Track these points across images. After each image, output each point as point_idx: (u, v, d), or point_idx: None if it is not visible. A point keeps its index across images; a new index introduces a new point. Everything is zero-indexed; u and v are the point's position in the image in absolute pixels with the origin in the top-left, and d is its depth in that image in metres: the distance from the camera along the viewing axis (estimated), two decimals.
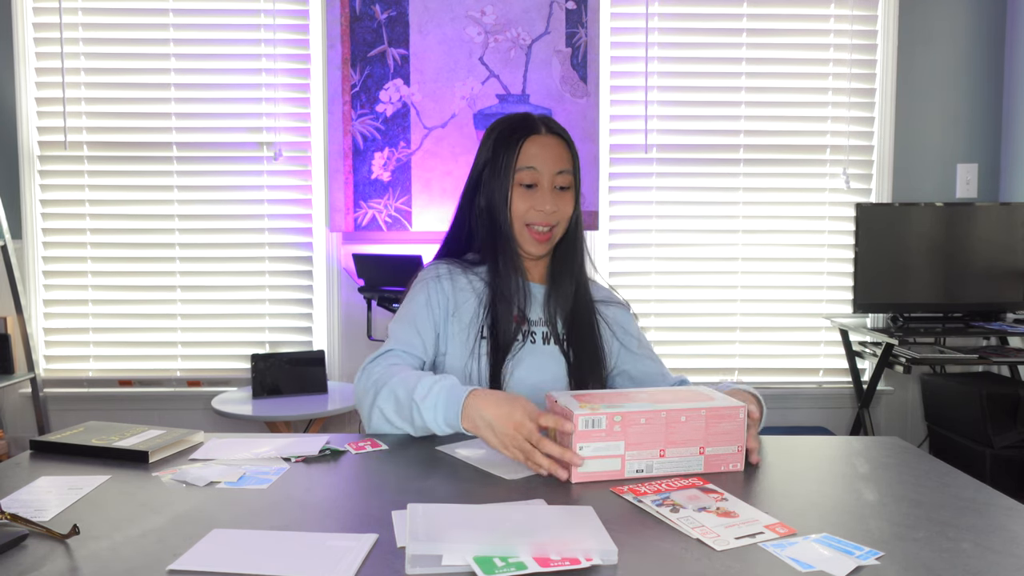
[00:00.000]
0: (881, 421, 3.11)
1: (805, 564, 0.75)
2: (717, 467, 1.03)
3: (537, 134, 1.36)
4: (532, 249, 1.37)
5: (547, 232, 1.35)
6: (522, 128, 1.37)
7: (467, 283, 1.38)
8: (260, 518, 0.87)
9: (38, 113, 3.00)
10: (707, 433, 1.03)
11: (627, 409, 1.00)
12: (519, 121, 1.38)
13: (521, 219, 1.35)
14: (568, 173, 1.36)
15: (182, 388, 3.06)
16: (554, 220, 1.35)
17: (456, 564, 0.73)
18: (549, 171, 1.35)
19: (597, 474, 0.99)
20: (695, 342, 3.11)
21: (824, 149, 3.07)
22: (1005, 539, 0.82)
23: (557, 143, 1.37)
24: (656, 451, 1.01)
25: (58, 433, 1.17)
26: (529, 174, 1.34)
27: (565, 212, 1.37)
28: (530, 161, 1.34)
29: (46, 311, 3.06)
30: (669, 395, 1.08)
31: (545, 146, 1.35)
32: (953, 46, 3.05)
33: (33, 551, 0.78)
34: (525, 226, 1.36)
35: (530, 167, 1.34)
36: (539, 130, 1.37)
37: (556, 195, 1.36)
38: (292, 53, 3.02)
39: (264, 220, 3.04)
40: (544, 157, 1.35)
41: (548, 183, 1.35)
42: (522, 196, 1.35)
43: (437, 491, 0.97)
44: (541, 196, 1.34)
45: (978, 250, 2.84)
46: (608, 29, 3.01)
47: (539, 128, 1.37)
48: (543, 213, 1.34)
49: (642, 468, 1.01)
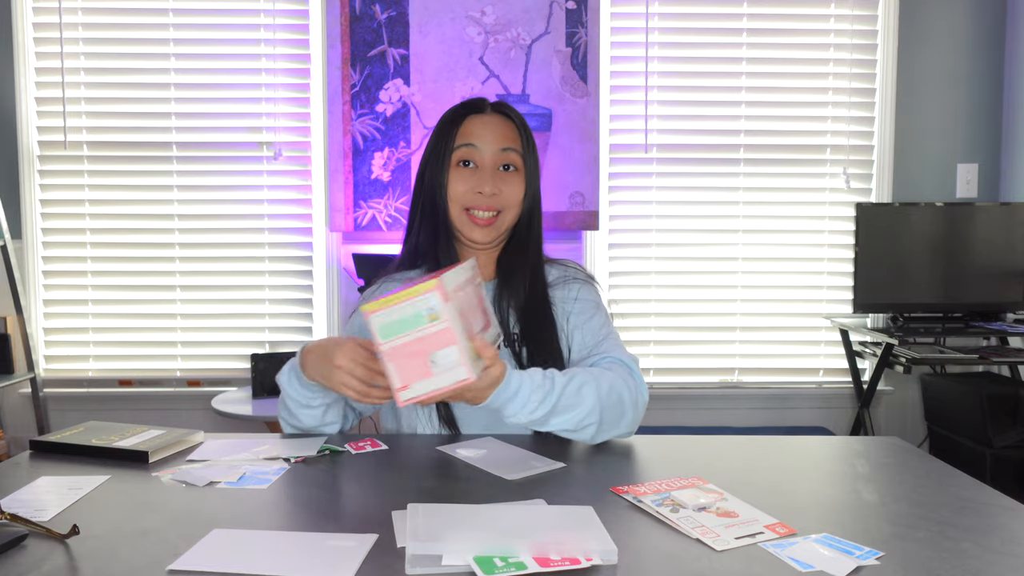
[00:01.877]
0: (881, 421, 3.11)
1: (805, 564, 0.75)
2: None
3: (480, 113, 1.25)
4: (473, 235, 1.23)
5: (491, 218, 1.22)
6: (464, 108, 1.26)
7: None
8: (260, 518, 0.87)
9: (38, 113, 3.00)
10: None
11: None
12: (465, 102, 1.28)
13: (459, 203, 1.22)
14: (513, 152, 1.24)
15: (182, 388, 3.06)
16: (498, 204, 1.22)
17: (456, 564, 0.73)
18: (490, 149, 1.22)
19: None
20: (695, 342, 3.11)
21: (824, 149, 3.07)
22: (1005, 539, 0.82)
23: (502, 121, 1.25)
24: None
25: (58, 433, 1.16)
26: (467, 151, 1.22)
27: (510, 195, 1.23)
28: (468, 138, 1.22)
29: (46, 311, 3.06)
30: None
31: (487, 123, 1.24)
32: (953, 46, 3.05)
33: (33, 551, 0.78)
34: (464, 211, 1.22)
35: (468, 144, 1.22)
36: (483, 109, 1.26)
37: (499, 176, 1.22)
38: (292, 53, 3.02)
39: (264, 220, 3.04)
40: (484, 135, 1.22)
41: (490, 162, 1.22)
42: (460, 177, 1.22)
43: (437, 491, 0.96)
44: (480, 176, 1.21)
45: (978, 250, 2.84)
46: (608, 29, 3.01)
47: (483, 108, 1.26)
48: (483, 196, 1.21)
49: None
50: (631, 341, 3.06)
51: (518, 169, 1.26)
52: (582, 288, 1.31)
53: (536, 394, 1.05)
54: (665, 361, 3.11)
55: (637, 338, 3.07)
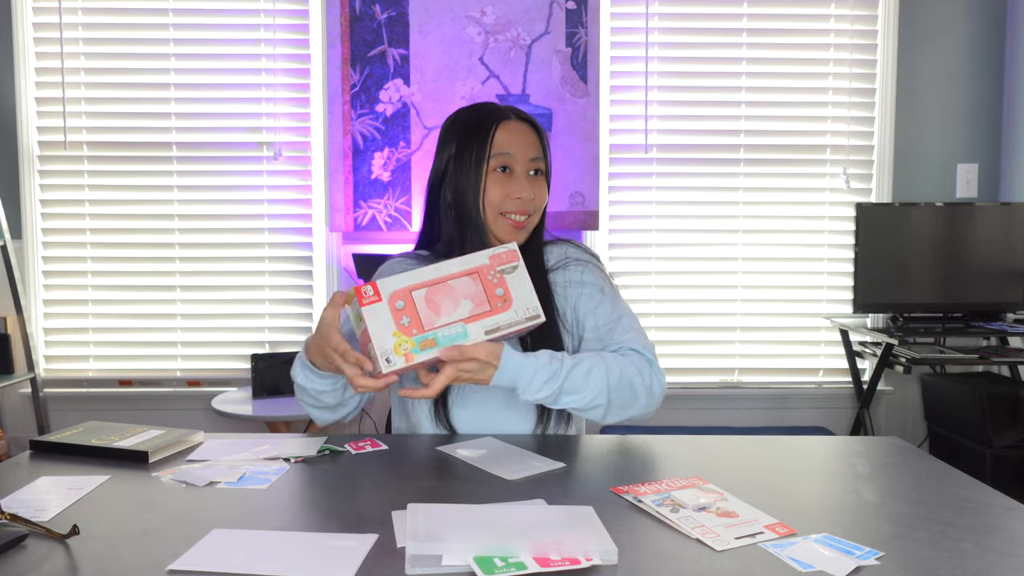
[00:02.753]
0: (881, 421, 3.12)
1: (805, 564, 0.75)
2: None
3: (508, 120, 1.31)
4: (509, 239, 1.29)
5: (524, 220, 1.30)
6: (491, 116, 1.32)
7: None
8: (260, 518, 0.88)
9: (38, 113, 3.00)
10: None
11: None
12: (486, 109, 1.33)
13: (496, 208, 1.29)
14: (541, 160, 1.32)
15: (182, 388, 3.06)
16: (531, 208, 1.30)
17: (456, 564, 0.73)
18: (524, 157, 1.30)
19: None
20: (695, 342, 3.11)
21: (824, 149, 3.07)
22: (1005, 539, 0.82)
23: (528, 129, 1.32)
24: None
25: (58, 433, 1.17)
26: (504, 159, 1.29)
27: (541, 199, 1.32)
28: (504, 147, 1.29)
29: (46, 311, 3.06)
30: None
31: (518, 132, 1.31)
32: (953, 46, 3.05)
33: (33, 551, 0.78)
34: (500, 215, 1.29)
35: (505, 153, 1.29)
36: (509, 116, 1.32)
37: (532, 181, 1.30)
38: (292, 53, 3.02)
39: (264, 220, 3.04)
40: (518, 143, 1.30)
41: (523, 169, 1.30)
42: (497, 184, 1.29)
43: (437, 491, 0.97)
44: (518, 183, 1.29)
45: (978, 250, 2.84)
46: (608, 29, 3.01)
47: (508, 115, 1.32)
48: (521, 201, 1.28)
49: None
50: None
51: (543, 174, 1.33)
52: (585, 271, 1.36)
53: (541, 374, 1.14)
54: (665, 361, 3.10)
55: None
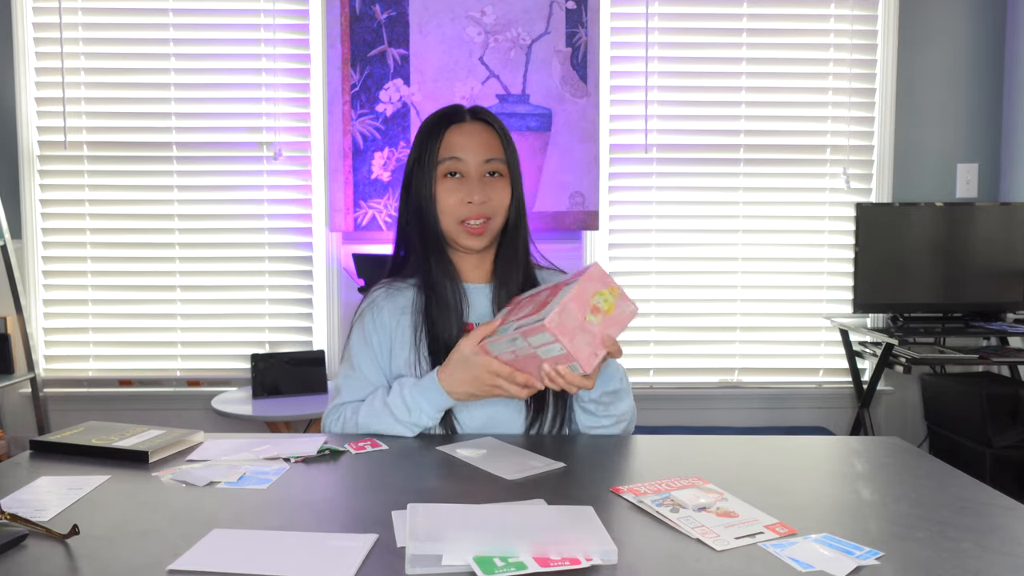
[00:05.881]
0: (881, 421, 3.11)
1: (805, 564, 0.75)
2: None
3: (461, 122, 1.28)
4: (469, 243, 1.27)
5: (481, 225, 1.26)
6: (444, 119, 1.28)
7: (407, 302, 1.30)
8: (260, 518, 0.87)
9: (38, 113, 3.00)
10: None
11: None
12: (444, 111, 1.30)
13: (452, 215, 1.26)
14: (498, 161, 1.27)
15: (182, 388, 3.06)
16: (487, 211, 1.26)
17: (456, 564, 0.73)
18: (476, 159, 1.25)
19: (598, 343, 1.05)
20: (695, 342, 3.11)
21: (824, 149, 3.07)
22: (1005, 539, 0.82)
23: (483, 129, 1.28)
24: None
25: (58, 433, 1.17)
26: (453, 164, 1.25)
27: (499, 201, 1.27)
28: (453, 151, 1.25)
29: (46, 311, 3.06)
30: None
31: (469, 134, 1.26)
32: (953, 46, 3.05)
33: (33, 551, 0.78)
34: (458, 223, 1.26)
35: (453, 157, 1.25)
36: (463, 118, 1.28)
37: (486, 183, 1.26)
38: (292, 53, 3.02)
39: (264, 220, 3.04)
40: (468, 145, 1.25)
41: (476, 172, 1.25)
42: (449, 189, 1.25)
43: (437, 491, 0.97)
44: (468, 187, 1.25)
45: (978, 250, 2.84)
46: (608, 29, 3.00)
47: (463, 116, 1.29)
48: (473, 205, 1.24)
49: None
50: (631, 341, 3.06)
51: (503, 175, 1.29)
52: None
53: (615, 372, 1.24)
54: (665, 361, 3.11)
55: (637, 338, 3.07)
